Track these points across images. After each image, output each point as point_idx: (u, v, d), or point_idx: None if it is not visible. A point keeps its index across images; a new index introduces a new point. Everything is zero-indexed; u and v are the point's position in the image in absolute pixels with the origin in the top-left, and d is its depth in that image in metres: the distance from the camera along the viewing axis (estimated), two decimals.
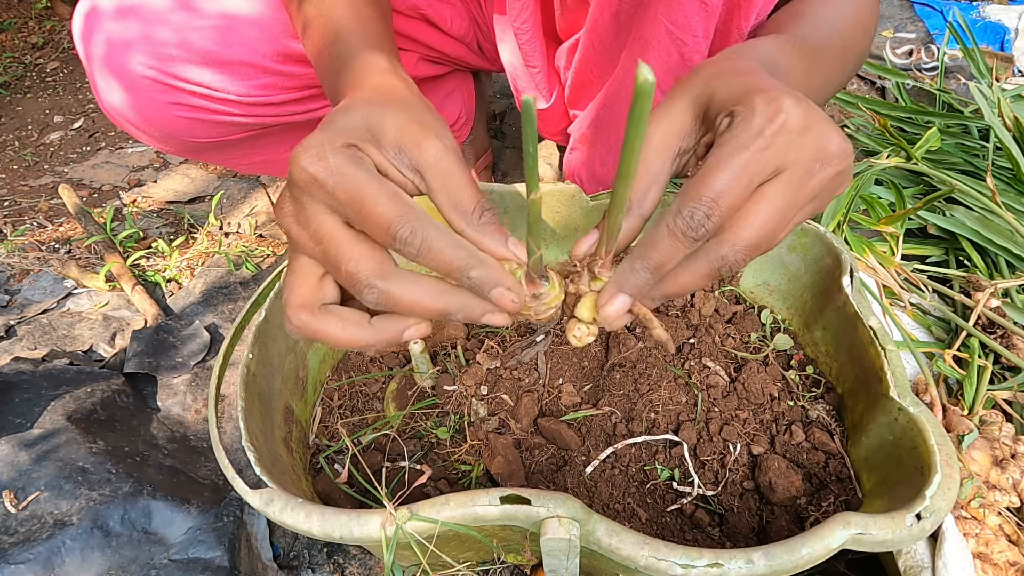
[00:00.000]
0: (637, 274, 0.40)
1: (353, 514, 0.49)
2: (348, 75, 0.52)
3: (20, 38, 2.19)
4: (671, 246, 0.39)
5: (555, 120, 0.99)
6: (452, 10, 0.93)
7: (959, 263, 0.96)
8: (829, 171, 0.39)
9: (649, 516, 0.64)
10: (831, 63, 0.59)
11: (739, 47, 0.50)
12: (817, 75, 0.57)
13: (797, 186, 0.39)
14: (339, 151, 0.40)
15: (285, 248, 1.22)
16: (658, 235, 0.39)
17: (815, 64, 0.56)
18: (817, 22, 0.59)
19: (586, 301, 0.44)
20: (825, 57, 0.58)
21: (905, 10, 1.76)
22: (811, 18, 0.60)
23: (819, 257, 0.74)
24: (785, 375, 0.75)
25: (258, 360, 0.64)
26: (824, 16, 0.61)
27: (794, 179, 0.39)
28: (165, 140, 0.85)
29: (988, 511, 0.63)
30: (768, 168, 0.38)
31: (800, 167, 0.39)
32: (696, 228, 0.38)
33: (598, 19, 0.73)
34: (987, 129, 1.12)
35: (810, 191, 0.39)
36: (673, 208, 0.39)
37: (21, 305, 1.10)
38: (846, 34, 0.61)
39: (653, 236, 0.39)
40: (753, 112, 0.38)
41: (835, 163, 0.39)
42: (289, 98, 0.84)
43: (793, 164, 0.39)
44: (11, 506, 0.70)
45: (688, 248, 0.39)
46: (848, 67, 0.64)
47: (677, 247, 0.39)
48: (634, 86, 0.29)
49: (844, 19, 0.62)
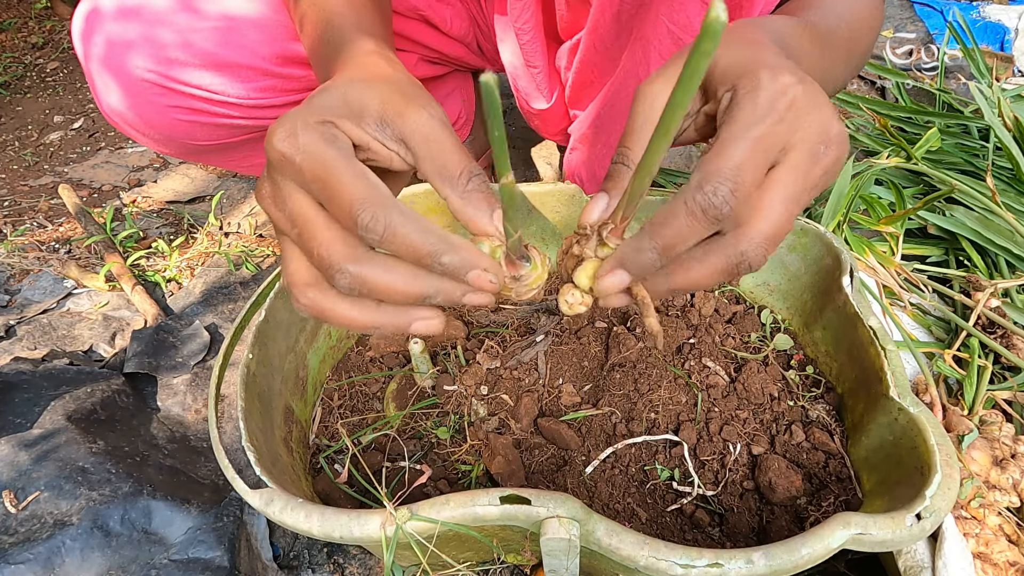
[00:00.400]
0: (644, 253, 0.38)
1: (353, 514, 0.49)
2: (337, 60, 0.51)
3: (20, 38, 2.19)
4: (688, 226, 0.36)
5: (556, 120, 0.99)
6: (452, 11, 0.93)
7: (959, 263, 0.96)
8: (832, 155, 0.38)
9: (649, 516, 0.64)
10: (838, 54, 0.58)
11: (751, 20, 0.49)
12: (825, 63, 0.55)
13: (806, 170, 0.37)
14: (311, 128, 0.38)
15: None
16: (673, 212, 0.36)
17: (824, 51, 0.54)
18: (826, 12, 0.58)
19: (587, 266, 0.42)
20: (833, 47, 0.57)
21: (905, 10, 1.76)
22: (820, 8, 0.58)
23: (819, 257, 0.74)
24: (785, 375, 0.75)
25: (258, 360, 0.64)
26: (833, 6, 0.59)
27: (802, 162, 0.37)
28: (165, 142, 0.85)
29: (988, 511, 0.63)
30: (780, 144, 0.37)
31: (806, 148, 0.37)
32: (720, 206, 0.35)
33: (599, 19, 0.73)
34: (987, 129, 1.12)
35: (816, 176, 0.38)
36: (692, 184, 0.36)
37: (21, 305, 1.10)
38: (853, 25, 0.60)
39: (667, 213, 0.37)
40: (759, 86, 0.37)
41: (836, 147, 0.38)
42: (289, 100, 0.84)
43: (800, 144, 0.37)
44: (11, 506, 0.70)
45: (705, 229, 0.36)
46: (853, 62, 0.62)
47: (694, 227, 0.36)
48: (703, 24, 0.26)
49: (852, 11, 0.61)
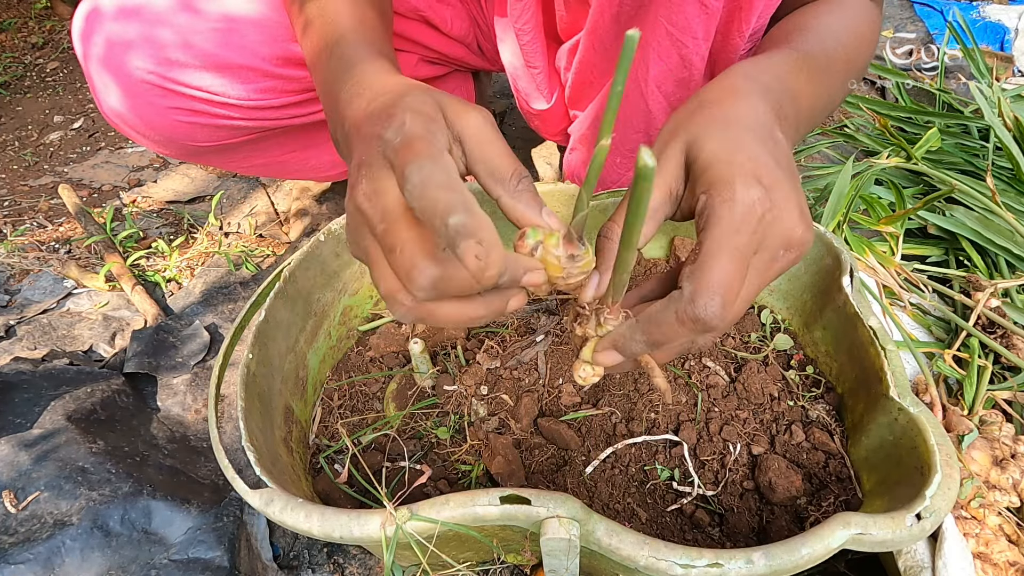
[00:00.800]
0: (635, 343, 0.43)
1: (353, 514, 0.49)
2: (352, 80, 0.51)
3: (20, 38, 2.19)
4: (676, 331, 0.40)
5: (556, 120, 0.99)
6: (452, 11, 0.93)
7: (959, 263, 0.96)
8: (791, 256, 0.43)
9: (649, 516, 0.64)
10: (836, 78, 0.60)
11: (745, 72, 0.51)
12: (822, 94, 0.57)
13: (763, 272, 0.42)
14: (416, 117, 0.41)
15: (285, 248, 1.22)
16: (666, 317, 0.40)
17: (822, 80, 0.57)
18: (822, 35, 0.60)
19: (592, 345, 0.47)
20: (832, 72, 0.59)
21: (905, 10, 1.76)
22: (816, 32, 0.60)
23: (819, 257, 0.74)
24: (785, 375, 0.75)
25: (258, 360, 0.64)
26: (829, 28, 0.61)
27: (763, 264, 0.42)
28: (165, 144, 0.85)
29: (988, 511, 0.63)
30: (753, 251, 0.41)
31: (769, 252, 0.42)
32: (710, 319, 0.39)
33: (598, 20, 0.73)
34: (987, 129, 1.12)
35: (772, 274, 0.43)
36: (685, 295, 0.40)
37: (21, 305, 1.10)
38: (851, 45, 0.62)
39: (661, 316, 0.41)
40: (734, 198, 0.40)
41: (796, 249, 0.42)
42: (289, 101, 0.84)
43: (764, 249, 0.41)
44: (11, 506, 0.70)
45: (692, 334, 0.40)
46: (853, 74, 0.64)
47: (682, 332, 0.40)
48: (635, 169, 0.30)
49: (848, 31, 0.62)
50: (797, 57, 0.55)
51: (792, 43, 0.58)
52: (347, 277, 0.80)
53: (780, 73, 0.52)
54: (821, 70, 0.57)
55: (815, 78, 0.55)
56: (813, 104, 0.55)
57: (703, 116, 0.46)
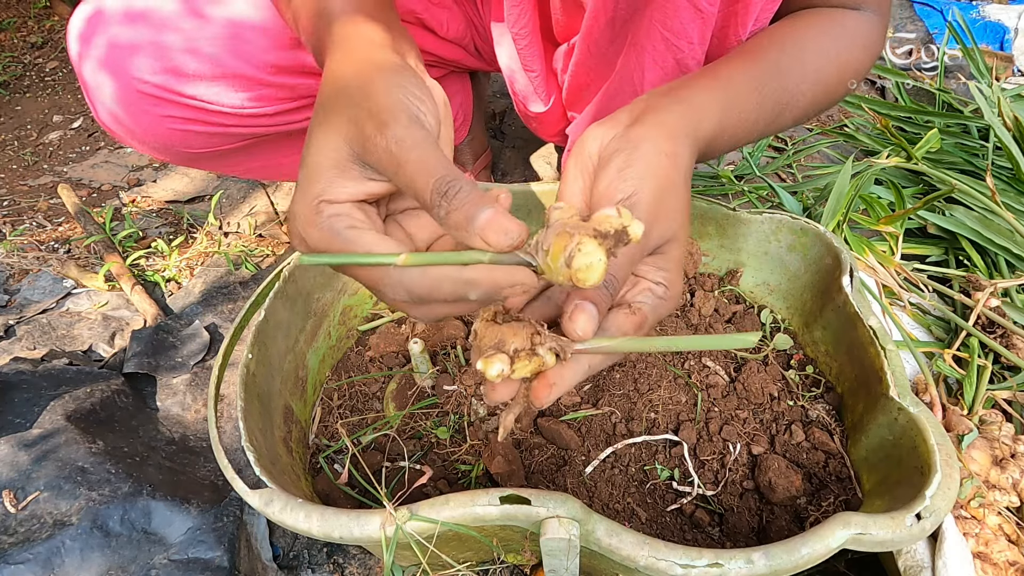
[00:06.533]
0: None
1: (353, 514, 0.49)
2: (326, 47, 0.51)
3: (19, 38, 2.19)
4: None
5: (553, 122, 0.99)
6: (448, 14, 0.93)
7: (959, 263, 0.96)
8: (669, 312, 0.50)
9: (649, 516, 0.64)
10: (802, 98, 0.62)
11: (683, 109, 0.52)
12: (775, 108, 0.60)
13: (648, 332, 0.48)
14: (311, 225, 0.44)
15: (285, 248, 1.22)
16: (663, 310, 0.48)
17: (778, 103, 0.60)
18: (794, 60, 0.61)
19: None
20: (789, 101, 0.61)
21: (905, 10, 1.76)
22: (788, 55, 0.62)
23: (819, 257, 0.74)
24: (785, 375, 0.75)
25: (257, 360, 0.64)
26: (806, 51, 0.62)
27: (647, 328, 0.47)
28: (161, 150, 0.85)
29: (988, 511, 0.63)
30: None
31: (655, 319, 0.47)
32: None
33: (593, 25, 0.73)
34: (987, 129, 1.12)
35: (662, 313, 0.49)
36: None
37: (20, 305, 1.10)
38: (823, 71, 0.63)
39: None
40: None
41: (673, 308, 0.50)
42: (283, 108, 0.84)
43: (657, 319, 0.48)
44: (11, 506, 0.70)
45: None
46: (824, 102, 0.66)
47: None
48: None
49: (828, 57, 0.63)
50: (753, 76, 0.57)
51: (757, 60, 0.60)
52: (346, 277, 0.80)
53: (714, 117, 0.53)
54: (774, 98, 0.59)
55: (768, 101, 0.58)
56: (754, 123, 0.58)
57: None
